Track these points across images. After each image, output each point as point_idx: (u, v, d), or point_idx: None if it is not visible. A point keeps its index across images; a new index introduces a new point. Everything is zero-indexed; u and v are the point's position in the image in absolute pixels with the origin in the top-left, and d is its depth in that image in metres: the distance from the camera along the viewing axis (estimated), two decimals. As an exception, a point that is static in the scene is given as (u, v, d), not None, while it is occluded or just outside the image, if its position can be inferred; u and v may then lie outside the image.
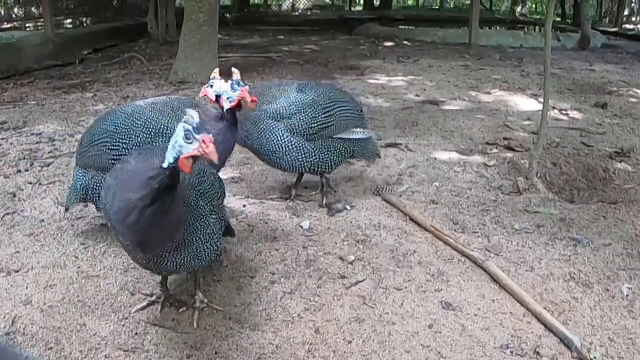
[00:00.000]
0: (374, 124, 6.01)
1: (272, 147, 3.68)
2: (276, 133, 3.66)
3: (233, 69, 3.40)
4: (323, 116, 3.73)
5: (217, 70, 3.48)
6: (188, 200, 2.39)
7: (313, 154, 3.76)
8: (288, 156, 3.71)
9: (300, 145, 3.71)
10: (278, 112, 3.67)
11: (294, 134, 3.68)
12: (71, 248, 3.41)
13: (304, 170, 3.91)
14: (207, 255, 2.54)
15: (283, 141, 3.67)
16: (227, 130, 3.25)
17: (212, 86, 3.30)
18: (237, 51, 11.10)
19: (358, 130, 3.95)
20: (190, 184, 2.46)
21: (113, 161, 3.12)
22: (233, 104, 3.24)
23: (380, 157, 4.37)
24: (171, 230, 2.31)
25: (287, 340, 2.67)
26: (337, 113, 3.81)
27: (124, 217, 2.19)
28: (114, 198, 2.25)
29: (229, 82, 3.27)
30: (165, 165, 2.12)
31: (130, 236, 2.25)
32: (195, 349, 2.59)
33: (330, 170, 3.94)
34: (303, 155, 3.73)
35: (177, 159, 2.10)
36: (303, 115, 3.69)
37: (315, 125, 3.71)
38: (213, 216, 2.59)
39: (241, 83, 3.27)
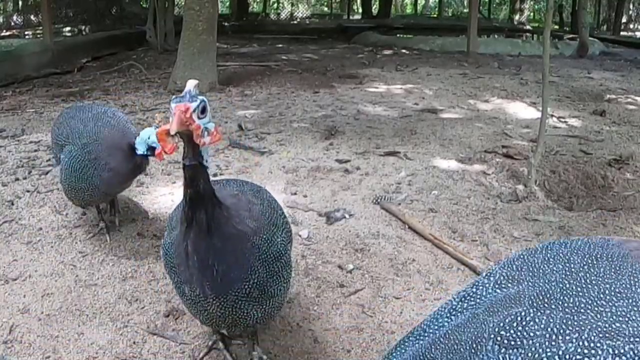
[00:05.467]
0: (372, 132, 6.02)
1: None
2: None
3: (157, 115, 3.46)
4: None
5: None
6: (275, 242, 2.14)
7: None
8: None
9: None
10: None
11: None
12: (69, 256, 3.40)
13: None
14: (282, 305, 2.33)
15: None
16: (129, 170, 3.33)
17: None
18: (235, 59, 11.13)
19: None
20: (276, 224, 2.21)
21: None
22: (159, 152, 3.11)
23: None
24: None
25: (285, 349, 2.66)
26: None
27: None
28: None
29: (154, 127, 3.28)
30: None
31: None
32: (194, 358, 2.58)
33: None
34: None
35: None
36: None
37: None
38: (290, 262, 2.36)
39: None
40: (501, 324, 1.22)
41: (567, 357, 1.11)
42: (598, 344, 1.10)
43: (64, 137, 3.36)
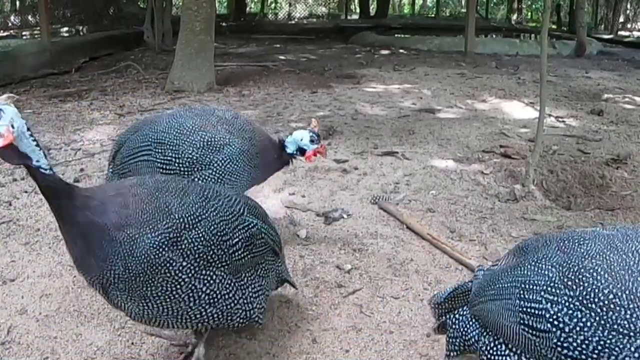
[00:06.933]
0: (370, 132, 6.02)
1: None
2: None
3: (313, 120, 3.47)
4: None
5: None
6: (149, 245, 2.07)
7: None
8: None
9: None
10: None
11: None
12: (67, 257, 3.38)
13: None
14: (215, 318, 2.25)
15: None
16: (276, 166, 3.41)
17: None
18: (233, 60, 11.12)
19: None
20: (169, 236, 2.10)
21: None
22: (309, 154, 3.35)
23: None
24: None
25: (283, 349, 2.66)
26: None
27: None
28: None
29: (308, 131, 3.35)
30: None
31: None
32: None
33: None
34: None
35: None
36: None
37: None
38: (249, 276, 2.32)
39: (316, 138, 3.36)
40: (565, 237, 1.87)
41: (611, 267, 1.64)
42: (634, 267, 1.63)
43: (222, 136, 3.15)
